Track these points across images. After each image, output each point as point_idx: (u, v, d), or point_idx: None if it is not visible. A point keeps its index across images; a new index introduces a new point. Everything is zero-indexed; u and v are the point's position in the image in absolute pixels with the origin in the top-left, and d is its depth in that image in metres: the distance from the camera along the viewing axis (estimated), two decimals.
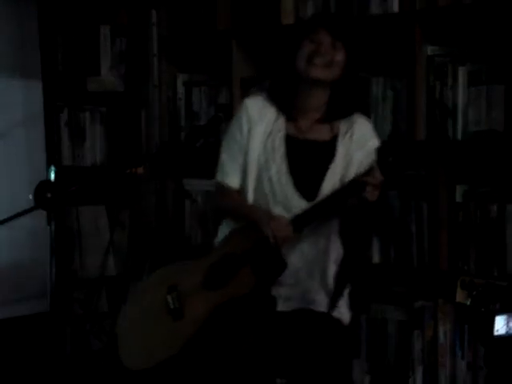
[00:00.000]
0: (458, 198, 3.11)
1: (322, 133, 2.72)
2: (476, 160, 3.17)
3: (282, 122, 2.73)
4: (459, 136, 3.07)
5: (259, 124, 2.72)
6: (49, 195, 2.72)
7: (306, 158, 2.69)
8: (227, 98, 3.68)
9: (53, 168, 3.51)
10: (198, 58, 3.90)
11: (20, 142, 3.98)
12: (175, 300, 2.70)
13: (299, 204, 2.66)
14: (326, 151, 2.69)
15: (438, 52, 3.13)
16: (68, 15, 4.14)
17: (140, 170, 3.85)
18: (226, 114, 2.73)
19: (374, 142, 2.70)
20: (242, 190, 2.77)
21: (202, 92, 3.80)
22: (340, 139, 2.70)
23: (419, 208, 3.19)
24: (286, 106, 2.71)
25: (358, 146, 2.69)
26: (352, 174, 2.64)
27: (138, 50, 3.99)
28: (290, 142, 2.70)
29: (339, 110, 2.70)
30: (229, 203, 2.79)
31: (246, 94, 3.22)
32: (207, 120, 2.70)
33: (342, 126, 2.72)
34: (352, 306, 2.88)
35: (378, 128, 3.25)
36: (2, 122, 3.94)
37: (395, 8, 3.18)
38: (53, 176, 3.48)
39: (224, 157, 2.80)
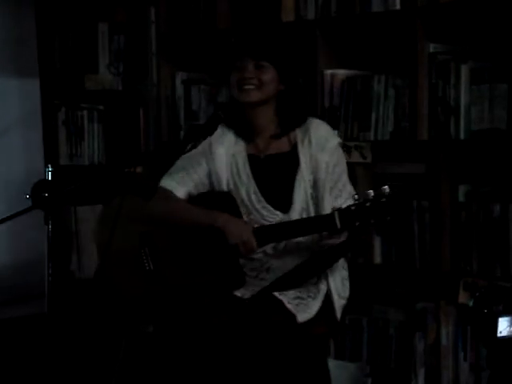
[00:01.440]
0: (461, 198, 3.09)
1: (281, 146, 2.78)
2: (478, 159, 3.15)
3: (241, 144, 2.81)
4: (462, 135, 3.04)
5: (220, 147, 2.79)
6: (46, 195, 2.68)
7: (272, 173, 2.76)
8: (227, 97, 3.65)
9: (50, 167, 3.47)
10: (197, 56, 3.87)
11: (17, 140, 3.96)
12: (149, 258, 2.78)
13: (275, 218, 2.72)
14: (289, 161, 2.75)
15: (440, 50, 3.10)
16: (66, 13, 4.11)
17: (139, 170, 3.82)
18: (226, 113, 2.70)
19: (332, 142, 2.75)
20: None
21: (201, 90, 3.78)
22: (300, 147, 2.75)
23: (421, 208, 3.16)
24: (240, 128, 2.80)
25: (318, 148, 2.73)
26: (322, 176, 2.70)
27: (136, 47, 3.96)
28: (253, 160, 2.78)
29: (290, 121, 2.77)
30: (178, 207, 2.80)
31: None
32: (206, 119, 2.69)
33: (299, 133, 2.77)
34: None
35: (379, 127, 3.24)
36: None
37: (397, 5, 3.15)
38: (50, 175, 3.44)
39: (178, 165, 2.84)
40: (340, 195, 2.70)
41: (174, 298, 2.75)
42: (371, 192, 2.50)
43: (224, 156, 2.78)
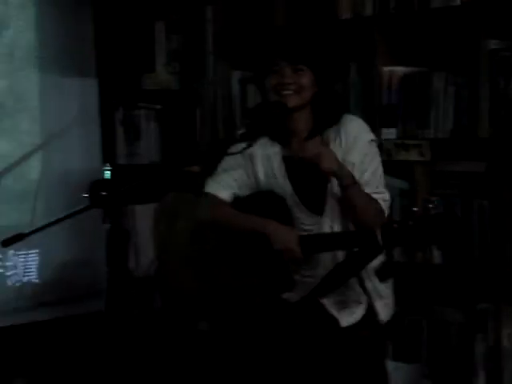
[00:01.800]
0: None
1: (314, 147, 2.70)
2: None
3: (276, 145, 2.77)
4: None
5: (258, 149, 2.75)
6: (104, 194, 2.70)
7: (307, 175, 2.71)
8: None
9: (107, 167, 3.50)
10: (253, 54, 3.86)
11: (75, 140, 3.99)
12: (200, 257, 2.79)
13: (310, 220, 2.70)
14: None
15: (501, 46, 3.04)
16: (123, 12, 4.14)
17: (195, 169, 3.83)
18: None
19: (362, 140, 2.68)
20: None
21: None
22: (332, 146, 2.69)
23: (482, 207, 3.11)
24: (275, 132, 2.75)
25: (347, 148, 2.67)
26: None
27: (192, 46, 3.97)
28: (288, 162, 2.75)
29: (323, 122, 2.72)
30: (226, 214, 2.80)
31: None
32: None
33: (331, 133, 2.72)
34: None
35: (438, 124, 3.19)
36: (58, 121, 3.96)
37: (457, 1, 3.10)
38: (107, 175, 3.47)
39: (221, 167, 2.84)
40: (366, 185, 2.63)
41: (225, 299, 2.75)
42: (415, 210, 2.46)
43: (259, 158, 2.77)
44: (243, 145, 2.68)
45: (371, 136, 2.71)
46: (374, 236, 2.49)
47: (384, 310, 2.73)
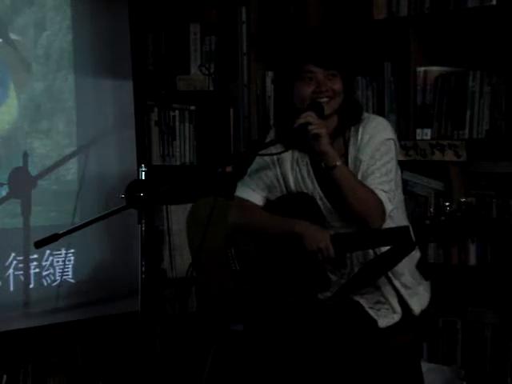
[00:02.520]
0: None
1: (338, 148, 2.69)
2: None
3: (304, 151, 2.75)
4: None
5: (286, 153, 2.74)
6: (140, 194, 2.71)
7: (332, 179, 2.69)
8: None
9: (143, 167, 3.52)
10: (283, 57, 3.85)
11: (111, 141, 4.02)
12: (235, 259, 2.84)
13: (340, 223, 2.68)
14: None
15: None
16: (158, 14, 4.16)
17: (229, 169, 3.84)
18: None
19: (378, 137, 2.65)
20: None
21: None
22: (350, 148, 2.69)
23: None
24: (303, 145, 2.71)
25: (362, 146, 2.66)
26: (360, 176, 2.63)
27: (227, 48, 3.98)
28: (316, 167, 2.72)
29: (346, 123, 2.71)
30: (258, 217, 2.80)
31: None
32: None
33: (351, 132, 2.71)
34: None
35: (474, 125, 3.16)
36: (94, 122, 3.98)
37: (493, 0, 3.07)
38: (143, 175, 3.49)
39: (252, 170, 2.84)
40: (371, 174, 2.61)
41: (260, 300, 2.76)
42: (447, 205, 2.43)
43: (289, 162, 2.77)
44: (274, 149, 2.68)
45: (388, 135, 2.67)
46: (407, 232, 2.47)
47: (416, 303, 2.71)
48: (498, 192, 3.15)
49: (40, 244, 2.57)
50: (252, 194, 2.82)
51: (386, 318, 2.66)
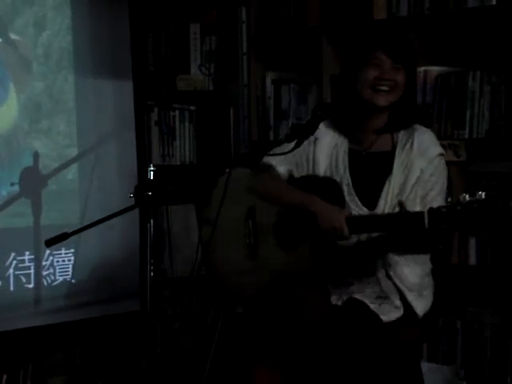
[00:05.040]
0: None
1: (383, 145, 2.74)
2: None
3: (344, 138, 2.78)
4: None
5: (325, 136, 2.76)
6: (149, 194, 2.71)
7: (368, 169, 2.73)
8: (317, 96, 3.64)
9: (151, 167, 3.53)
10: (288, 55, 3.86)
11: (111, 141, 4.02)
12: (251, 233, 2.80)
13: (360, 213, 2.69)
14: (386, 161, 2.72)
15: None
16: (158, 14, 4.16)
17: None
18: (326, 112, 2.68)
19: (434, 150, 2.69)
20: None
21: (291, 90, 3.77)
22: (398, 150, 2.71)
23: None
24: (346, 127, 2.76)
25: (418, 153, 2.69)
26: (412, 180, 2.66)
27: (227, 48, 3.98)
28: (354, 155, 2.75)
29: (399, 122, 2.72)
30: (275, 184, 2.82)
31: (336, 91, 3.19)
32: (307, 119, 2.67)
33: (402, 135, 2.73)
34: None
35: (474, 124, 3.16)
36: (94, 122, 3.99)
37: (493, 0, 3.07)
38: (151, 175, 3.49)
39: (284, 147, 2.79)
40: (427, 206, 2.58)
41: (264, 278, 2.76)
42: (466, 196, 2.43)
43: (327, 145, 2.77)
44: (291, 144, 2.68)
45: (442, 150, 2.71)
46: (421, 218, 2.47)
47: (420, 305, 2.70)
48: (497, 192, 3.15)
49: (50, 242, 2.59)
50: (278, 164, 2.82)
51: (389, 312, 2.66)
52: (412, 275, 2.70)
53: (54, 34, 3.89)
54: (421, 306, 2.70)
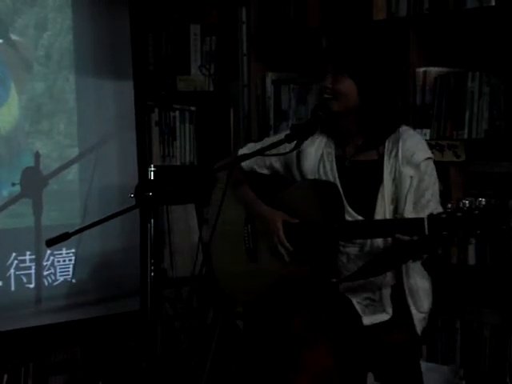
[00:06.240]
0: None
1: (369, 154, 2.72)
2: None
3: (331, 146, 2.77)
4: None
5: (310, 145, 2.77)
6: (149, 194, 2.71)
7: (357, 179, 2.72)
8: (317, 96, 3.64)
9: (152, 167, 3.53)
10: (288, 55, 3.87)
11: (112, 141, 4.03)
12: (250, 237, 2.83)
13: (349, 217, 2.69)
14: (375, 171, 2.70)
15: None
16: (158, 14, 4.17)
17: None
18: (326, 112, 2.68)
19: (419, 156, 2.66)
20: None
21: (292, 90, 3.77)
22: (386, 158, 2.69)
23: None
24: (331, 131, 2.77)
25: (404, 160, 2.67)
26: (405, 189, 2.64)
27: (227, 48, 3.99)
28: (340, 164, 2.75)
29: (375, 135, 2.70)
30: (243, 183, 2.87)
31: None
32: (307, 119, 2.68)
33: (388, 143, 2.71)
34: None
35: (473, 125, 3.17)
36: (94, 122, 4.00)
37: (492, 1, 3.08)
38: (152, 175, 3.50)
39: (263, 144, 2.84)
40: (422, 212, 2.60)
41: (264, 282, 2.78)
42: (466, 202, 2.44)
43: (313, 155, 2.77)
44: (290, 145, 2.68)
45: (429, 153, 2.69)
46: (421, 224, 2.47)
47: (420, 324, 2.71)
48: (496, 192, 3.16)
49: (51, 243, 2.59)
50: (253, 164, 2.85)
51: (373, 315, 2.67)
52: (426, 299, 2.72)
53: (55, 34, 3.90)
54: (421, 326, 2.72)
